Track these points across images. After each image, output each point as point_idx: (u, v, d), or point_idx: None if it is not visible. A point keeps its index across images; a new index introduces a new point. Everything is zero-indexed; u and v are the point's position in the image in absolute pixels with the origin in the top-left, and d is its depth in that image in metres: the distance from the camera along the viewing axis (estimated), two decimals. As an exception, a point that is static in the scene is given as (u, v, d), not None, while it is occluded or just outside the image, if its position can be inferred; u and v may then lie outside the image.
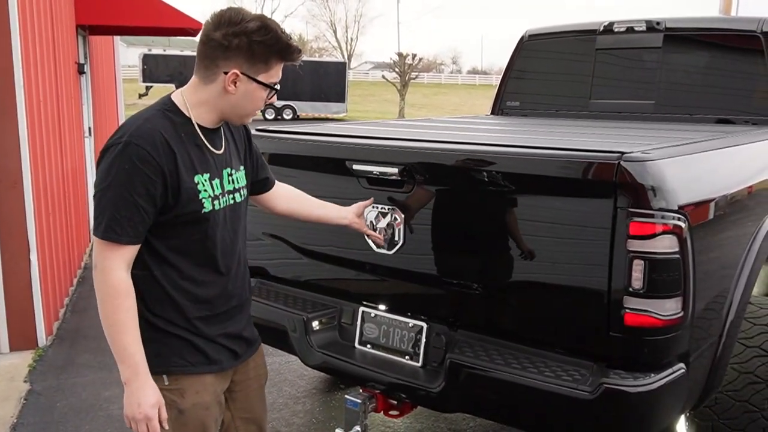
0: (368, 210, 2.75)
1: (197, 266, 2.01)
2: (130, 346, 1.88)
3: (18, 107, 4.46)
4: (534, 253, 2.44)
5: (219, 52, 1.90)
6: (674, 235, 2.21)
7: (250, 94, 1.97)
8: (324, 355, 2.92)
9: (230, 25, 1.89)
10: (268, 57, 1.93)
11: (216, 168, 2.03)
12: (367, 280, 2.94)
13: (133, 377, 1.89)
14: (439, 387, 2.56)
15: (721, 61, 4.13)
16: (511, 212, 2.48)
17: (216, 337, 2.07)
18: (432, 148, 2.68)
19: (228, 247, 2.08)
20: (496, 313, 2.60)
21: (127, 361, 1.89)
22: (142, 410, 1.89)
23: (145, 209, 1.86)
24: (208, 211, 1.98)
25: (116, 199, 1.84)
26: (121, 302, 1.87)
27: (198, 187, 1.95)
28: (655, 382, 2.25)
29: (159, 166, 1.86)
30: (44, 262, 4.89)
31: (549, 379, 2.33)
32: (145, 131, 1.87)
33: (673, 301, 2.24)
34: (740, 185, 2.74)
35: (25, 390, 4.11)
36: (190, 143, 1.96)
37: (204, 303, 2.03)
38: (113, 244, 1.86)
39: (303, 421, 3.80)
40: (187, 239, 1.98)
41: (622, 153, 2.23)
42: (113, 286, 1.87)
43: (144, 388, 1.89)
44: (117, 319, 1.87)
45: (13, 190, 4.51)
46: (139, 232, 1.88)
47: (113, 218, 1.84)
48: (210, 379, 2.06)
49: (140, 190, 1.84)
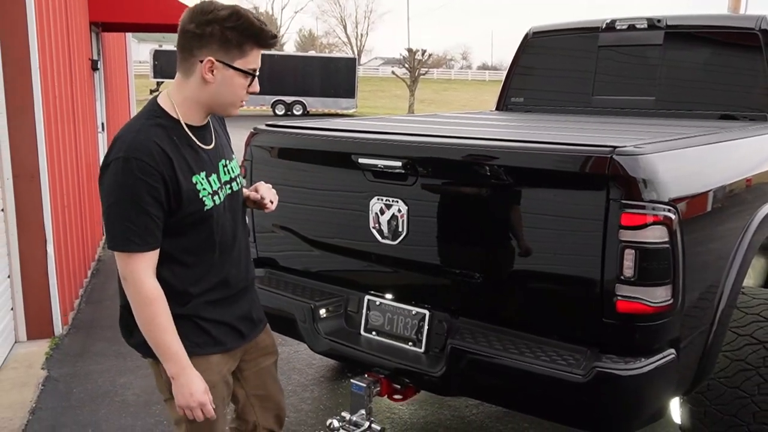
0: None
1: (202, 259, 2.12)
2: (172, 344, 2.02)
3: (35, 103, 4.60)
4: (531, 244, 2.55)
5: (194, 42, 1.98)
6: (664, 226, 2.31)
7: (229, 82, 2.01)
8: (331, 341, 3.04)
9: (202, 14, 1.96)
10: (242, 42, 1.99)
11: (211, 163, 2.12)
12: (372, 270, 3.05)
13: (180, 371, 2.03)
14: (441, 371, 2.68)
15: (721, 57, 4.21)
16: (509, 204, 2.59)
17: (221, 319, 2.18)
18: (434, 142, 2.80)
19: (229, 235, 2.18)
20: (495, 301, 2.71)
21: (173, 359, 2.03)
22: (195, 398, 2.03)
23: (156, 215, 1.96)
24: (210, 208, 2.08)
25: (128, 211, 1.94)
26: (157, 307, 1.99)
27: (197, 186, 2.05)
28: (645, 366, 2.35)
29: (159, 173, 1.95)
30: (60, 254, 5.04)
31: (545, 364, 2.44)
32: (140, 144, 1.95)
33: (663, 289, 2.34)
34: (732, 179, 2.83)
35: (43, 376, 4.25)
36: (184, 145, 2.04)
37: (208, 291, 2.14)
38: (136, 254, 1.96)
39: (311, 408, 3.92)
40: (195, 238, 2.08)
41: (615, 147, 2.34)
42: (146, 294, 1.99)
43: (192, 379, 2.04)
44: (157, 323, 2.00)
45: (30, 183, 4.65)
46: (156, 237, 1.99)
47: (129, 230, 1.94)
48: (216, 359, 2.18)
49: (148, 199, 1.93)
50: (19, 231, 4.66)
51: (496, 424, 3.76)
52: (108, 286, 6.13)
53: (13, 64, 4.49)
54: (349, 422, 2.85)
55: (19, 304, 4.74)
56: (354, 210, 2.98)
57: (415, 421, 3.79)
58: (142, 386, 4.16)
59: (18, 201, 4.64)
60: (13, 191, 4.60)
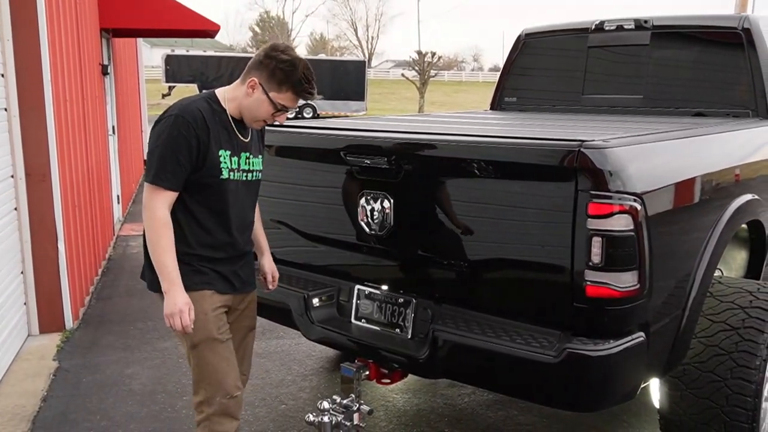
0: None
1: (210, 218, 2.60)
2: (169, 263, 2.49)
3: (46, 106, 4.80)
4: (507, 234, 2.70)
5: (256, 64, 2.59)
6: (629, 215, 2.46)
7: (259, 103, 2.59)
8: (323, 329, 3.20)
9: (272, 49, 2.58)
10: (282, 83, 2.55)
11: (237, 149, 2.64)
12: (362, 261, 3.21)
13: (170, 286, 2.50)
14: (425, 355, 2.83)
15: (706, 56, 4.33)
16: (487, 197, 2.73)
17: (216, 269, 2.64)
18: (417, 139, 2.96)
19: (238, 214, 2.66)
20: (475, 288, 2.86)
21: (168, 276, 2.50)
22: (177, 307, 2.49)
23: (184, 165, 2.49)
24: (224, 179, 2.59)
25: (164, 155, 2.47)
26: (164, 232, 2.49)
27: (220, 158, 2.57)
28: (613, 348, 2.49)
29: (197, 135, 2.49)
30: (71, 252, 5.23)
31: (519, 346, 2.59)
32: (190, 109, 2.52)
33: (629, 275, 2.48)
34: (703, 173, 2.96)
35: (54, 367, 4.45)
36: (221, 126, 2.59)
37: (209, 247, 2.62)
38: (158, 188, 2.48)
39: (308, 396, 4.08)
40: (207, 196, 2.58)
41: (583, 141, 2.48)
42: (158, 219, 2.48)
43: (178, 293, 2.51)
44: (160, 244, 2.49)
45: (42, 184, 4.85)
46: (179, 182, 2.50)
47: (161, 168, 2.47)
48: (207, 294, 2.61)
49: (183, 151, 2.47)
50: (31, 229, 4.86)
51: (486, 411, 3.91)
52: (118, 284, 6.33)
53: (26, 68, 4.70)
54: (339, 404, 3.00)
55: (31, 299, 4.94)
56: (344, 204, 3.14)
57: (408, 409, 3.94)
58: (148, 376, 4.34)
59: (30, 200, 4.84)
60: (26, 191, 4.80)
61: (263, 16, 65.31)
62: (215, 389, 2.63)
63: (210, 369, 2.62)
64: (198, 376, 2.66)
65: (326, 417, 2.94)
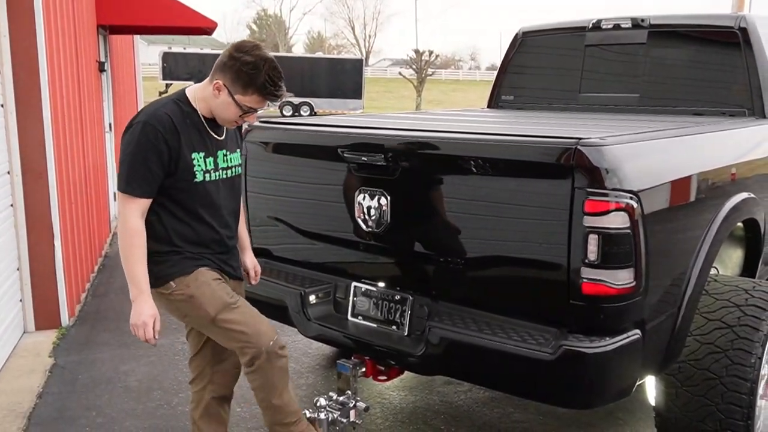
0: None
1: (194, 218, 2.62)
2: (139, 273, 2.52)
3: (43, 104, 4.79)
4: (504, 231, 2.71)
5: (220, 66, 2.55)
6: (626, 213, 2.46)
7: (225, 105, 2.56)
8: (320, 326, 3.20)
9: (236, 50, 2.53)
10: (247, 86, 2.51)
11: (212, 149, 2.63)
12: (359, 258, 3.21)
13: (139, 295, 2.53)
14: (421, 352, 2.83)
15: (702, 55, 4.34)
16: (484, 194, 2.74)
17: (205, 256, 2.68)
18: (414, 137, 2.97)
19: (221, 211, 2.68)
20: (471, 285, 2.86)
21: (137, 284, 2.53)
22: (142, 318, 2.53)
23: (155, 172, 2.49)
24: (199, 181, 2.60)
25: (135, 163, 2.48)
26: (135, 241, 2.51)
27: (194, 161, 2.57)
28: (609, 345, 2.50)
29: (166, 141, 2.48)
30: (67, 249, 5.22)
31: (516, 343, 2.60)
32: (158, 115, 2.51)
33: (626, 272, 2.49)
34: (699, 171, 2.97)
35: (50, 364, 4.44)
36: (192, 128, 2.58)
37: (196, 244, 2.65)
38: (130, 197, 2.49)
39: (305, 393, 4.08)
40: (186, 198, 2.59)
41: (580, 138, 2.49)
42: (129, 228, 2.50)
43: (145, 303, 2.54)
44: (132, 252, 2.51)
45: (38, 181, 4.84)
46: (152, 188, 2.51)
47: (131, 176, 2.48)
48: (203, 269, 2.65)
49: (152, 157, 2.47)
50: (27, 226, 4.85)
51: (482, 408, 3.92)
52: (114, 281, 6.32)
53: (22, 65, 4.69)
54: (335, 401, 3.01)
55: (27, 296, 4.93)
56: (341, 201, 3.14)
57: (404, 406, 3.95)
58: (144, 373, 4.34)
59: (27, 197, 4.83)
60: (22, 187, 4.79)
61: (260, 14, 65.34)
62: (257, 339, 2.64)
63: (242, 327, 2.64)
64: (233, 341, 2.66)
65: (323, 414, 2.95)
